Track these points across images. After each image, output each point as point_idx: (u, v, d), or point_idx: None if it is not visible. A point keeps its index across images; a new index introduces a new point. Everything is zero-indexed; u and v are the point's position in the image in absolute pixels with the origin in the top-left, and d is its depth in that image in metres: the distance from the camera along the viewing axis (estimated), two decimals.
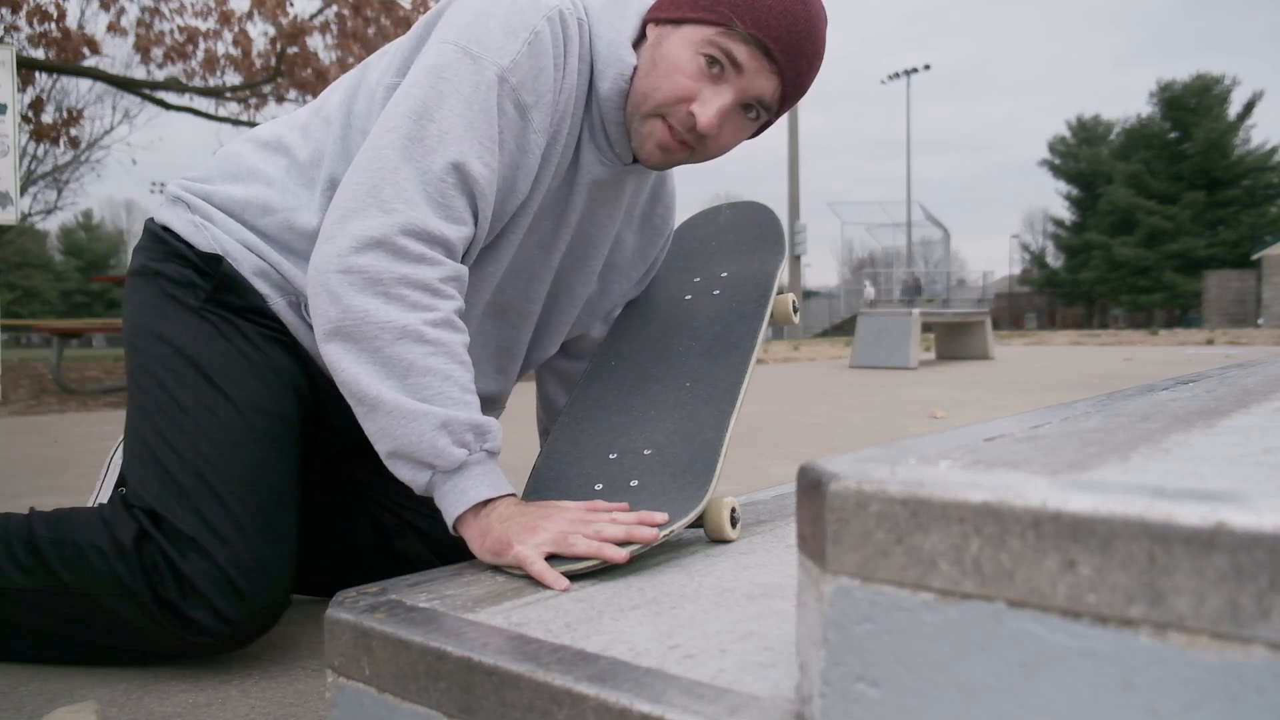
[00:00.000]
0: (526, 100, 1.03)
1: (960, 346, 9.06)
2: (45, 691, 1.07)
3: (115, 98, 15.93)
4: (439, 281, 0.98)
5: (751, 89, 1.06)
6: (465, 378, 0.98)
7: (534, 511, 0.95)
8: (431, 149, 0.98)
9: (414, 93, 1.00)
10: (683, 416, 1.11)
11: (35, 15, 8.15)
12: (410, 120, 0.99)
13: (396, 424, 0.95)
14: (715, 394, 1.13)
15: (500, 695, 0.66)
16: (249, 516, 1.07)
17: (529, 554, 0.89)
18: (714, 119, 1.06)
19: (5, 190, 4.80)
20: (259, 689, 1.08)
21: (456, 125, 0.99)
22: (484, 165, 1.00)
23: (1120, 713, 0.41)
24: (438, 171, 0.98)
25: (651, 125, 1.09)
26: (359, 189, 0.98)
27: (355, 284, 0.96)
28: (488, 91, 1.00)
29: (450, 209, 0.99)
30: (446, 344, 0.97)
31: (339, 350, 0.97)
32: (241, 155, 1.21)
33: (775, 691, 0.59)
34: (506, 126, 1.02)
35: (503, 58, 1.01)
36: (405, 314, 0.95)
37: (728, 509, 1.02)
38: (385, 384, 0.95)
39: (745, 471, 2.63)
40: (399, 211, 0.97)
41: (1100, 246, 38.64)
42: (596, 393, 1.22)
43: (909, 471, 0.49)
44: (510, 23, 1.02)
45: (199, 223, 1.17)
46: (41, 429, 3.84)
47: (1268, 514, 0.38)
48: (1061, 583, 0.42)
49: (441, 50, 1.02)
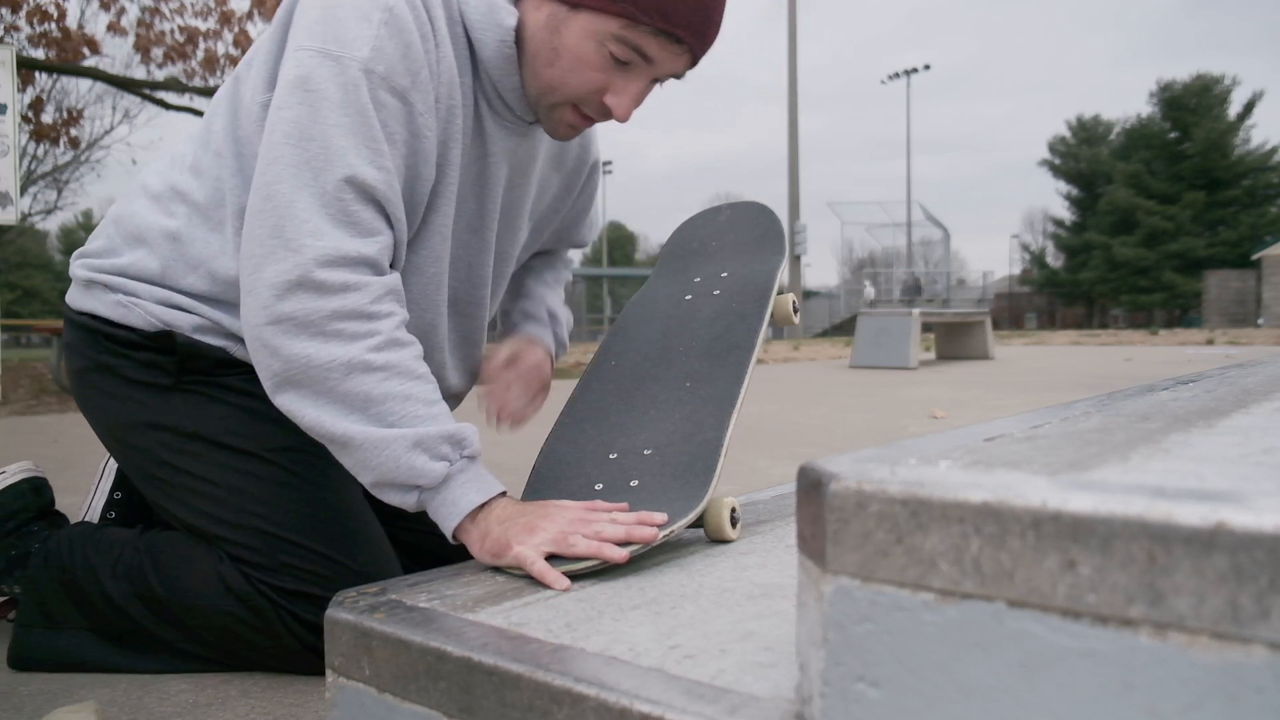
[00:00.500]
0: (401, 84, 0.97)
1: (960, 346, 9.06)
2: (45, 691, 1.07)
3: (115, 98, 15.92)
4: (370, 304, 0.95)
5: (663, 72, 1.04)
6: (426, 390, 0.97)
7: (533, 511, 0.94)
8: (320, 169, 0.94)
9: (285, 114, 0.95)
10: (683, 416, 1.11)
11: (35, 15, 8.15)
12: (289, 145, 0.94)
13: (370, 455, 0.94)
14: (715, 394, 1.12)
15: (500, 695, 0.66)
16: (333, 546, 1.07)
17: (529, 554, 0.88)
18: (630, 108, 1.04)
19: (5, 190, 4.80)
20: (259, 689, 1.08)
21: (337, 136, 0.94)
22: (378, 169, 0.96)
23: (1120, 713, 0.41)
24: (333, 191, 0.94)
25: (561, 111, 1.06)
26: (262, 233, 0.95)
27: (288, 331, 0.93)
28: (356, 90, 0.95)
29: (359, 224, 0.95)
30: (396, 364, 0.95)
31: (293, 399, 0.96)
32: (136, 215, 1.14)
33: (775, 691, 0.59)
34: (389, 118, 0.97)
35: (361, 48, 0.95)
36: (346, 348, 0.93)
37: (728, 509, 1.02)
38: (348, 420, 0.94)
39: (745, 471, 2.63)
40: (307, 247, 0.93)
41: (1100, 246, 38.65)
42: (596, 393, 1.22)
43: (909, 471, 0.49)
44: (360, 7, 0.96)
45: (126, 302, 1.12)
46: (41, 429, 3.84)
47: (1268, 514, 0.38)
48: (1061, 583, 0.42)
49: (299, 59, 0.96)
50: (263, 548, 1.06)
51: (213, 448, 1.09)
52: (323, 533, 1.07)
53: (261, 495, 1.07)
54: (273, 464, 1.08)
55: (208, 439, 1.09)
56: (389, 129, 0.97)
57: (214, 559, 1.09)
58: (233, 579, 1.07)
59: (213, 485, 1.08)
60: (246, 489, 1.08)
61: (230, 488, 1.08)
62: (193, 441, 1.10)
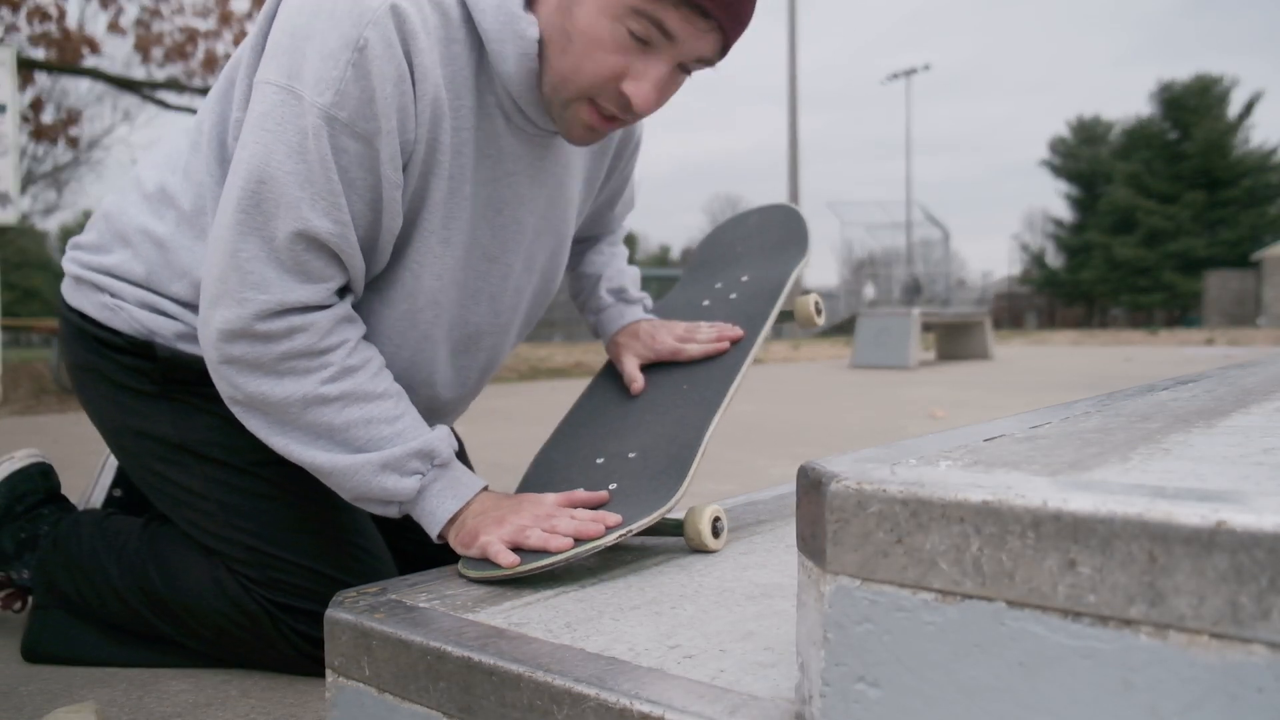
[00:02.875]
0: (366, 129, 0.89)
1: (960, 346, 9.06)
2: (45, 692, 1.07)
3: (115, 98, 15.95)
4: (319, 341, 0.94)
5: (689, 54, 0.92)
6: (387, 409, 0.96)
7: (507, 505, 0.96)
8: (271, 215, 0.90)
9: (243, 155, 0.91)
10: (673, 419, 1.10)
11: (35, 15, 8.15)
12: (243, 190, 0.90)
13: (342, 480, 0.95)
14: (707, 396, 1.12)
15: (500, 695, 0.66)
16: (322, 560, 1.07)
17: (491, 542, 0.90)
18: (652, 96, 0.93)
19: (5, 190, 4.80)
20: (259, 689, 1.08)
21: (291, 185, 0.89)
22: (331, 221, 0.91)
23: (1120, 713, 0.41)
24: (284, 241, 0.91)
25: (576, 109, 0.96)
26: (213, 275, 0.93)
27: (240, 370, 0.93)
28: (316, 138, 0.88)
29: (309, 273, 0.93)
30: (352, 391, 0.94)
31: (257, 423, 0.96)
32: (126, 213, 1.11)
33: (775, 691, 0.59)
34: (351, 164, 0.91)
35: (323, 93, 0.87)
36: (300, 383, 0.93)
37: (709, 518, 0.98)
38: (315, 449, 0.95)
39: (745, 471, 2.63)
40: (249, 301, 0.91)
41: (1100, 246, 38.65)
42: (599, 398, 1.22)
43: (909, 471, 0.49)
44: (328, 43, 0.87)
45: (111, 304, 1.10)
46: (41, 429, 3.84)
47: (1268, 514, 0.38)
48: (1061, 583, 0.42)
49: (263, 94, 0.91)
50: (253, 562, 1.06)
51: (199, 460, 1.08)
52: (311, 547, 1.07)
53: (248, 510, 1.07)
54: (259, 477, 1.07)
55: (193, 451, 1.08)
56: (349, 175, 0.91)
57: (212, 563, 1.09)
58: (229, 585, 1.07)
59: (200, 498, 1.08)
60: (233, 503, 1.07)
61: (217, 501, 1.07)
62: (179, 453, 1.09)
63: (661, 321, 1.26)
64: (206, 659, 1.14)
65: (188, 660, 1.14)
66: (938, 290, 26.51)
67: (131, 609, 1.12)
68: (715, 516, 0.99)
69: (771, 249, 1.34)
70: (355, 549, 1.09)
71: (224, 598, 1.07)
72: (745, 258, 1.36)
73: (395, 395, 0.98)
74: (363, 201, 0.93)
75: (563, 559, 0.87)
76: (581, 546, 0.88)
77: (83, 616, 1.16)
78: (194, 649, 1.13)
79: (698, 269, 1.42)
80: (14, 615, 1.34)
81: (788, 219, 1.40)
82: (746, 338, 1.19)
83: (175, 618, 1.11)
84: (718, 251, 1.42)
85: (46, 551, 1.19)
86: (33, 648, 1.17)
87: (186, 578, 1.09)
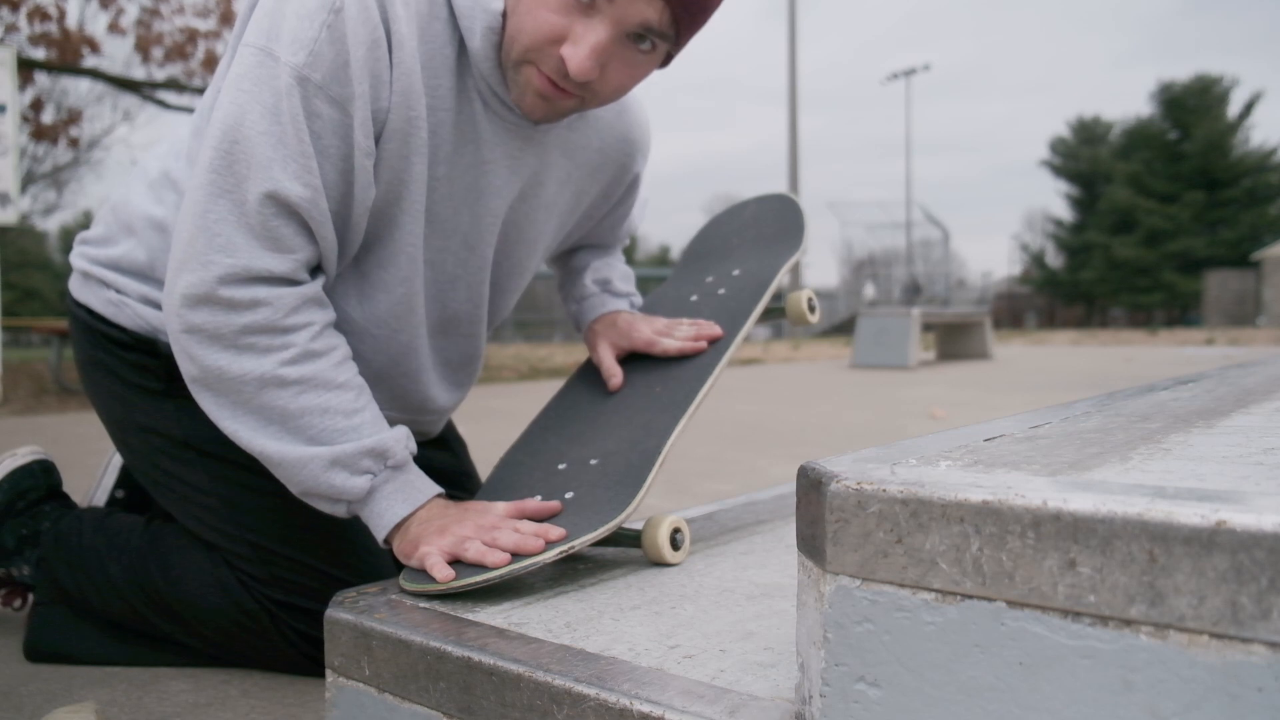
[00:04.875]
0: (340, 94, 0.88)
1: (960, 346, 9.06)
2: (45, 691, 1.07)
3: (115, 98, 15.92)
4: (283, 318, 0.91)
5: (630, 18, 0.89)
6: (345, 400, 0.93)
7: (453, 514, 0.93)
8: (243, 177, 0.89)
9: (218, 116, 0.90)
10: (639, 424, 1.05)
11: (35, 15, 8.15)
12: (216, 150, 0.89)
13: (290, 473, 0.93)
14: (676, 399, 1.06)
15: (500, 695, 0.66)
16: (325, 559, 1.06)
17: (430, 553, 0.87)
18: (586, 61, 0.89)
19: (5, 190, 4.80)
20: (259, 689, 1.08)
21: (263, 145, 0.88)
22: (302, 185, 0.89)
23: (1120, 713, 0.41)
24: (254, 204, 0.89)
25: (526, 73, 0.94)
26: (181, 238, 0.91)
27: (200, 341, 0.91)
28: (289, 97, 0.87)
29: (278, 240, 0.90)
30: (312, 377, 0.92)
31: (210, 403, 0.94)
32: (130, 202, 1.11)
33: (775, 691, 0.59)
34: (324, 129, 0.90)
35: (297, 53, 0.87)
36: (258, 361, 0.91)
37: (667, 530, 0.93)
38: (264, 435, 0.92)
39: (745, 471, 2.63)
40: (214, 264, 0.89)
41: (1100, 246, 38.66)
42: (570, 400, 1.18)
43: (909, 471, 0.49)
44: (306, 5, 0.87)
45: (116, 300, 1.10)
46: (41, 429, 3.84)
47: (1268, 514, 0.38)
48: (1061, 583, 0.42)
49: (241, 55, 0.90)
50: (256, 559, 1.06)
51: (204, 457, 1.08)
52: (314, 545, 1.06)
53: (252, 507, 1.07)
54: (264, 475, 1.05)
55: (198, 448, 1.08)
56: (322, 141, 0.90)
57: (213, 561, 1.09)
58: (230, 583, 1.07)
59: (205, 495, 1.08)
60: (238, 500, 1.07)
61: (222, 498, 1.07)
62: (184, 449, 1.09)
63: (642, 315, 1.23)
64: (206, 658, 1.14)
65: (188, 659, 1.14)
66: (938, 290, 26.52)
67: (132, 607, 1.12)
68: (675, 528, 0.94)
69: (766, 242, 1.29)
70: (359, 548, 1.09)
71: (225, 596, 1.07)
72: (739, 250, 1.31)
73: (356, 388, 0.95)
74: (335, 170, 0.92)
75: (497, 575, 0.82)
76: (519, 562, 0.83)
77: (84, 614, 1.16)
78: (194, 648, 1.13)
79: (691, 261, 1.37)
80: (14, 615, 1.34)
81: (784, 209, 1.33)
82: (724, 339, 1.14)
83: (176, 616, 1.11)
84: (712, 244, 1.37)
85: (48, 548, 1.19)
86: (34, 645, 1.17)
87: (187, 576, 1.10)
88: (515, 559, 0.84)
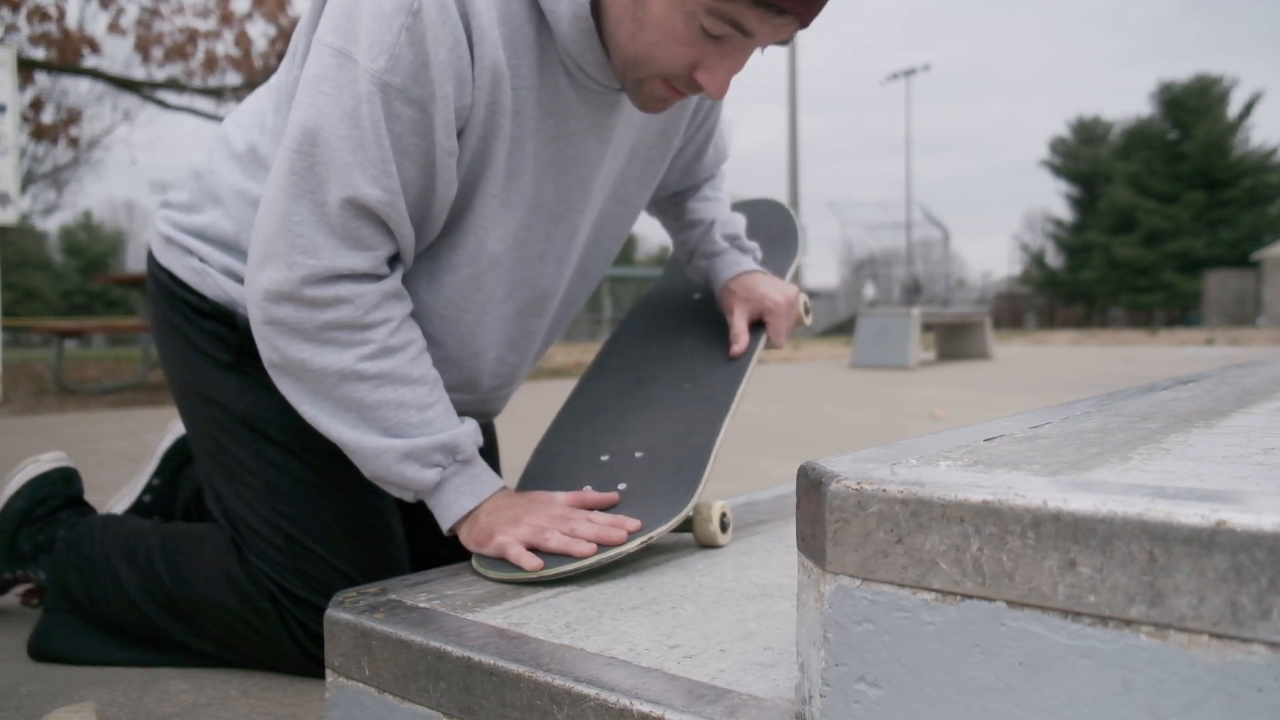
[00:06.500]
0: (420, 94, 0.89)
1: (960, 346, 9.06)
2: (45, 692, 1.07)
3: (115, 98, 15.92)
4: (363, 315, 0.94)
5: (765, 43, 0.91)
6: (420, 395, 0.96)
7: (521, 504, 0.96)
8: (323, 179, 0.90)
9: (297, 116, 0.91)
10: (678, 418, 1.10)
11: (35, 15, 8.15)
12: (296, 152, 0.91)
13: (364, 460, 0.96)
14: (713, 396, 1.11)
15: (500, 695, 0.66)
16: (351, 563, 1.07)
17: (509, 543, 0.90)
18: (725, 88, 0.93)
19: (5, 190, 4.80)
20: (259, 689, 1.08)
21: (343, 150, 0.89)
22: (381, 190, 0.91)
23: (1120, 713, 0.41)
24: (334, 208, 0.91)
25: (650, 85, 0.95)
26: (263, 235, 0.94)
27: (282, 333, 0.94)
28: (369, 103, 0.88)
29: (359, 239, 0.93)
30: (389, 371, 0.95)
31: (291, 388, 0.97)
32: (218, 173, 1.11)
33: (775, 691, 0.59)
34: (405, 130, 0.90)
35: (377, 58, 0.87)
36: (339, 355, 0.94)
37: (718, 514, 1.00)
38: (341, 423, 0.95)
39: (745, 471, 2.63)
40: (298, 265, 0.91)
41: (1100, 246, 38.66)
42: (595, 393, 1.21)
43: (909, 471, 0.49)
44: (382, 6, 0.87)
45: (200, 269, 1.11)
46: (41, 429, 3.84)
47: (1268, 514, 0.38)
48: (1061, 583, 0.42)
49: (318, 55, 0.91)
50: (285, 548, 1.06)
51: (256, 436, 1.09)
52: (344, 546, 1.07)
53: (293, 496, 1.07)
54: (309, 465, 1.08)
55: (254, 427, 1.09)
56: (402, 141, 0.91)
57: (220, 554, 1.09)
58: (238, 577, 1.07)
59: (251, 475, 1.09)
60: (280, 487, 1.08)
61: (266, 482, 1.08)
62: (240, 425, 1.10)
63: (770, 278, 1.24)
64: (209, 660, 1.14)
65: (191, 661, 1.14)
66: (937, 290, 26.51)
67: (141, 612, 1.13)
68: (723, 512, 1.00)
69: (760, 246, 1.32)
70: (385, 556, 1.09)
71: (231, 591, 1.08)
72: None
73: (431, 383, 0.98)
74: (415, 167, 0.93)
75: (587, 564, 0.87)
76: (606, 553, 0.88)
77: (91, 620, 1.17)
78: (201, 651, 1.13)
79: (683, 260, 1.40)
80: (14, 614, 1.34)
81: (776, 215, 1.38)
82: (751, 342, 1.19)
83: (184, 615, 1.11)
84: None
85: (60, 554, 1.20)
86: (41, 648, 1.17)
87: (195, 572, 1.10)
88: (600, 549, 0.88)
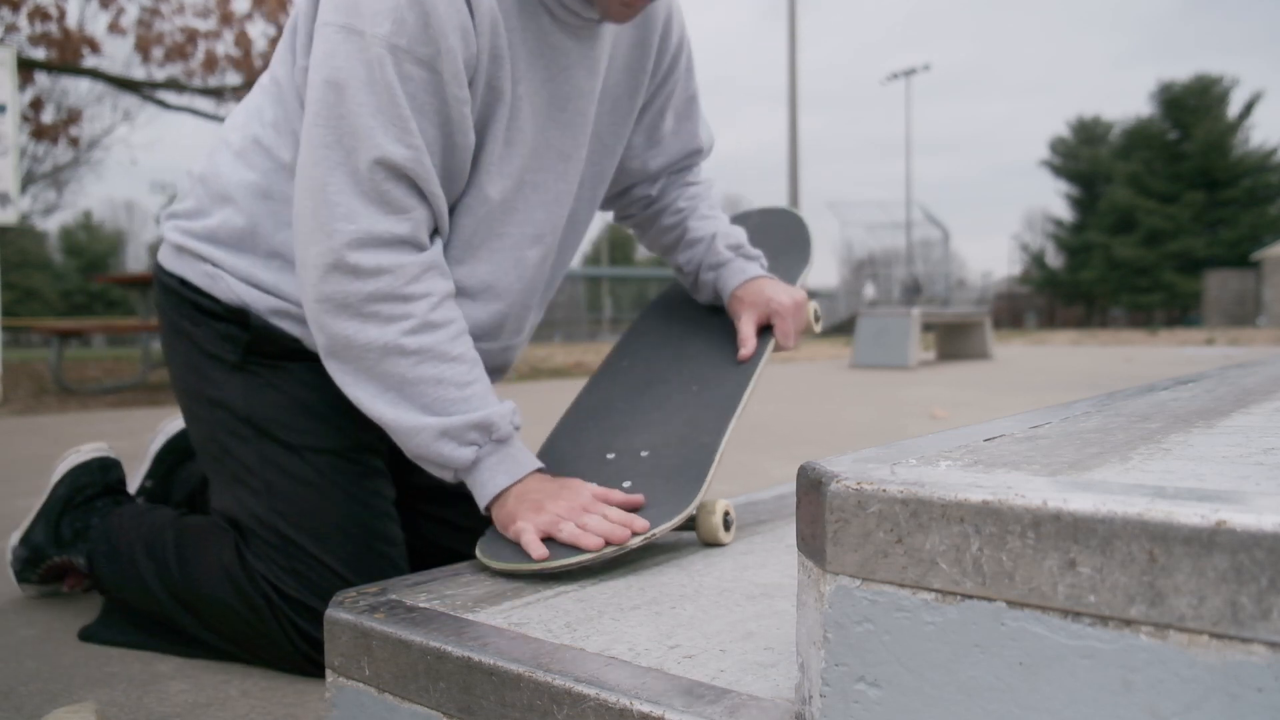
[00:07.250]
0: (426, 53, 0.94)
1: (960, 346, 9.06)
2: (45, 692, 1.07)
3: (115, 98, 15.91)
4: (405, 286, 0.97)
5: None
6: (459, 372, 0.98)
7: (550, 489, 0.98)
8: (351, 149, 0.95)
9: (314, 94, 0.96)
10: (684, 419, 1.11)
11: (35, 15, 8.15)
12: (321, 127, 0.95)
13: (404, 438, 0.99)
14: (719, 397, 1.12)
15: (500, 695, 0.66)
16: (347, 565, 1.07)
17: (526, 529, 0.92)
18: None
19: (5, 190, 4.81)
20: (259, 689, 1.08)
21: (365, 115, 0.94)
22: (406, 148, 0.95)
23: (1120, 713, 0.41)
24: (365, 171, 0.95)
25: None
26: (303, 213, 0.97)
27: (330, 310, 0.97)
28: (381, 68, 0.93)
29: (392, 203, 0.96)
30: (430, 347, 0.97)
31: (338, 370, 1.00)
32: (221, 174, 1.13)
33: (775, 691, 0.59)
34: (417, 90, 0.95)
35: (381, 24, 0.92)
36: (382, 330, 0.96)
37: (720, 513, 1.01)
38: (383, 401, 0.98)
39: (745, 471, 2.63)
40: (339, 232, 0.95)
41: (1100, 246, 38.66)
42: (604, 392, 1.22)
43: (909, 471, 0.49)
44: None
45: (212, 273, 1.13)
46: (41, 429, 3.84)
47: (1268, 514, 0.38)
48: (1061, 583, 0.42)
49: (325, 35, 0.96)
50: (281, 546, 1.07)
51: (259, 435, 1.10)
52: (341, 549, 1.07)
53: (292, 496, 1.08)
54: (309, 464, 1.09)
55: (257, 426, 1.11)
56: (417, 100, 0.95)
57: (221, 549, 1.10)
58: (236, 574, 1.08)
59: (251, 475, 1.10)
60: (280, 487, 1.09)
61: (266, 482, 1.09)
62: (244, 425, 1.11)
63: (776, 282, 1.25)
64: (215, 652, 1.15)
65: (204, 654, 1.16)
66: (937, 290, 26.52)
67: (158, 601, 1.15)
68: (726, 510, 1.02)
69: (773, 252, 1.34)
70: (381, 559, 1.10)
71: (229, 585, 1.09)
72: None
73: (470, 361, 1.00)
74: (433, 125, 0.98)
75: (588, 559, 0.88)
76: (608, 548, 0.89)
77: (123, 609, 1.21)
78: (210, 643, 1.14)
79: None
80: (13, 614, 1.34)
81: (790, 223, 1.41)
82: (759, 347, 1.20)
83: (190, 607, 1.13)
84: None
85: (94, 541, 1.25)
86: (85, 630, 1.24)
87: (198, 565, 1.12)
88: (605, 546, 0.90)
